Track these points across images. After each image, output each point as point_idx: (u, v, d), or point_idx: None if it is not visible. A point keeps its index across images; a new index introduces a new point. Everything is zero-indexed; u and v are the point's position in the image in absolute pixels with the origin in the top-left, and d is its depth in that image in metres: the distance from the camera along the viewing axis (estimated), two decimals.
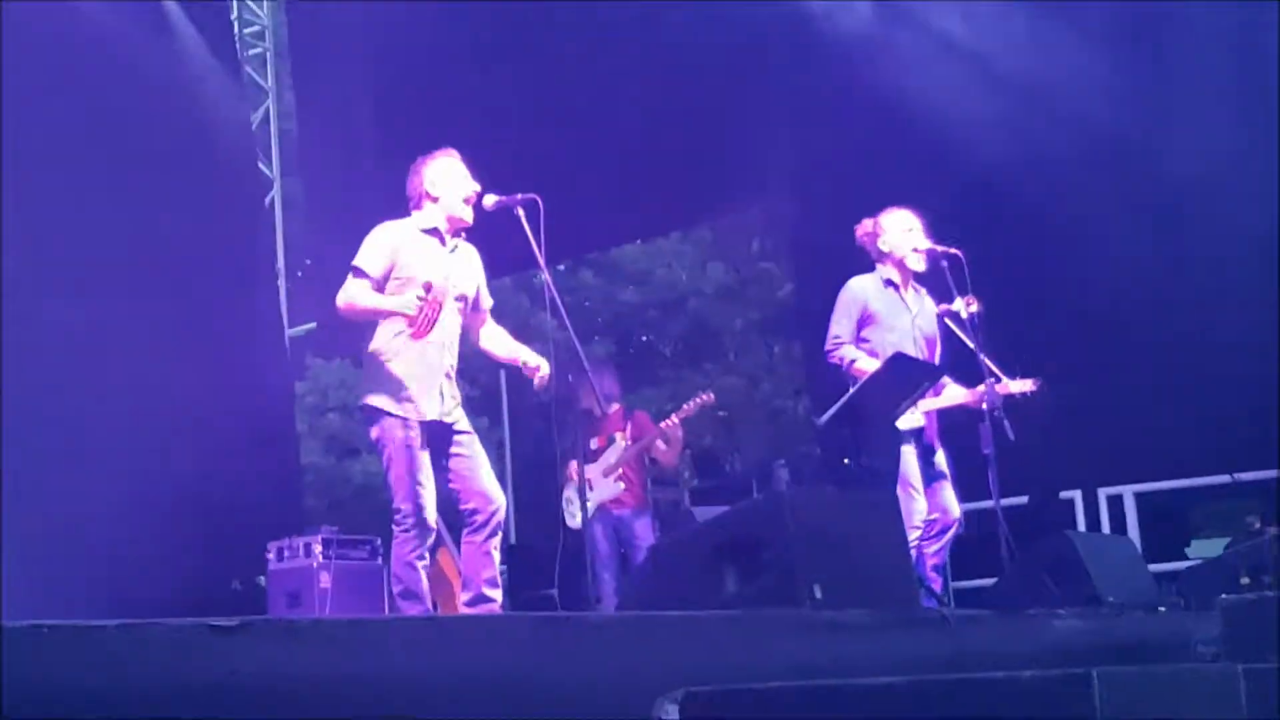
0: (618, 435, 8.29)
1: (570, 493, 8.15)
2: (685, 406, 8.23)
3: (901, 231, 6.54)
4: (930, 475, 6.37)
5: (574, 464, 7.86)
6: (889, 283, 6.53)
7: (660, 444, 8.20)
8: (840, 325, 6.47)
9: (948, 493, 6.40)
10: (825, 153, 9.44)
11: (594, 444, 8.31)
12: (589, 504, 7.43)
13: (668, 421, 8.19)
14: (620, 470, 8.20)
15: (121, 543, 8.19)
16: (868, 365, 6.26)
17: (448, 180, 5.64)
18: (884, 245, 6.56)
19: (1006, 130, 8.58)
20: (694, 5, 9.76)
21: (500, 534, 5.54)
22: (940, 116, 8.92)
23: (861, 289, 6.53)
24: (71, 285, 8.59)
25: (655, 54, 10.09)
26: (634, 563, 8.17)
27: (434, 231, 5.60)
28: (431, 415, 5.43)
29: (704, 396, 8.26)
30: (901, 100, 9.13)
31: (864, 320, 6.46)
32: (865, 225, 6.63)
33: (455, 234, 5.66)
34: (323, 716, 2.85)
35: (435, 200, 5.62)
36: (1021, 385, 6.34)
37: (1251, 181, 7.72)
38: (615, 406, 8.43)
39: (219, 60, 11.09)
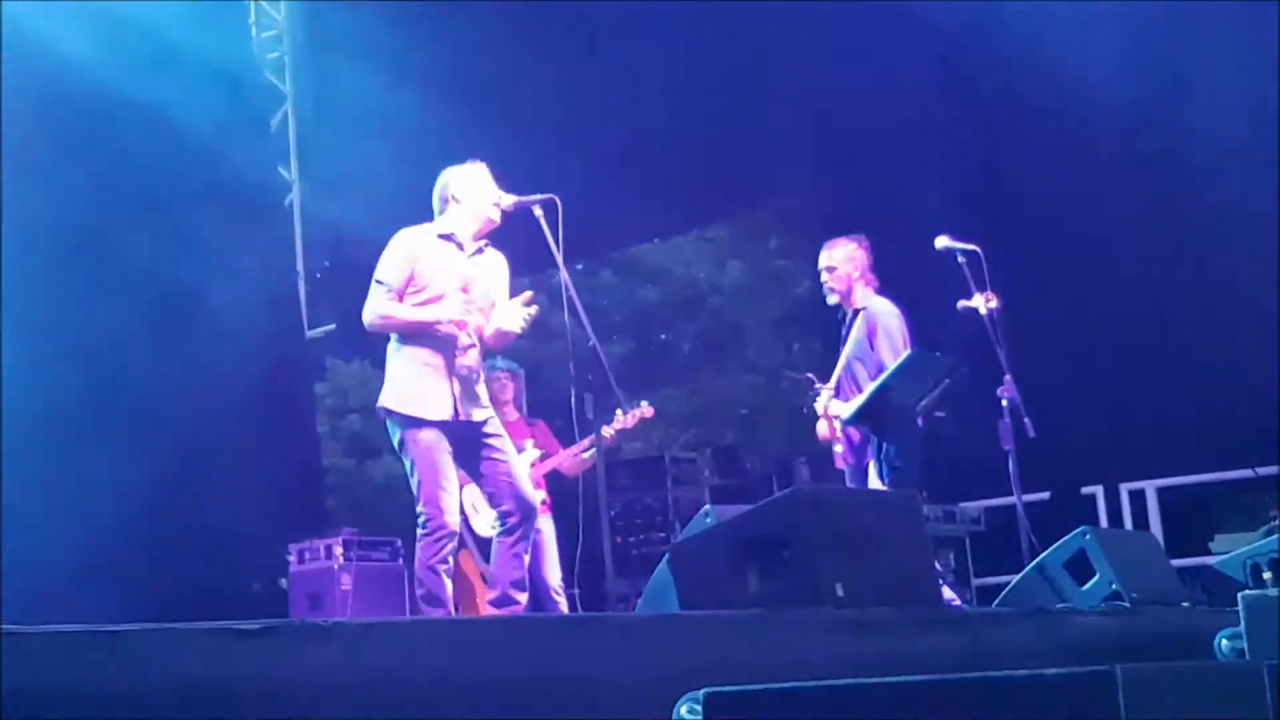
0: (525, 444, 7.87)
1: (473, 496, 7.49)
2: (624, 419, 7.67)
3: (845, 262, 6.86)
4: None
5: None
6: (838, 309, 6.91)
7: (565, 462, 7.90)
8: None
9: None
10: (841, 150, 9.43)
11: None
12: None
13: (607, 434, 7.33)
14: None
15: (142, 545, 8.22)
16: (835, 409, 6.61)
17: (472, 185, 5.64)
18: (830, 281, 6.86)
19: (1026, 127, 8.56)
20: (711, 5, 9.75)
21: (530, 538, 5.54)
22: (957, 115, 8.91)
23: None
24: (88, 287, 8.62)
25: (671, 53, 10.08)
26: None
27: (450, 237, 5.60)
28: (451, 415, 5.42)
29: (643, 409, 7.76)
30: (918, 97, 9.12)
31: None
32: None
33: (478, 238, 5.66)
34: (345, 719, 2.86)
35: (459, 203, 5.63)
36: None
37: (1266, 174, 7.68)
38: (516, 415, 8.15)
39: (237, 64, 11.11)
